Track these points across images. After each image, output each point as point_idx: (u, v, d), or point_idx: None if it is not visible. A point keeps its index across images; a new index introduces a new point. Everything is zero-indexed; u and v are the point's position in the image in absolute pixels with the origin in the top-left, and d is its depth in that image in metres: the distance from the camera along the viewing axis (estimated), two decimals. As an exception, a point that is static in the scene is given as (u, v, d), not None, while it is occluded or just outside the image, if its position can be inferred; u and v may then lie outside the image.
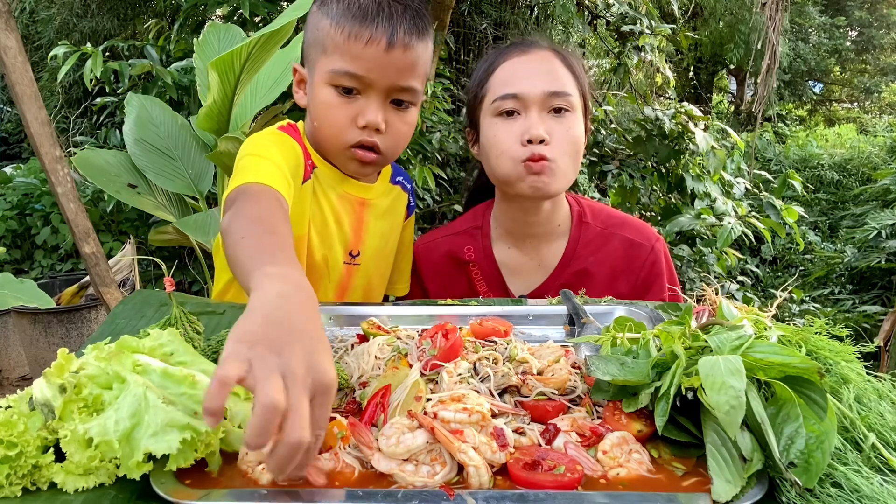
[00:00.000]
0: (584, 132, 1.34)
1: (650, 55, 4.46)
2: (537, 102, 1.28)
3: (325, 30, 1.11)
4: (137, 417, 0.67)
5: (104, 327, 1.08)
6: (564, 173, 1.30)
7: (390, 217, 1.34)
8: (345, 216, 1.23)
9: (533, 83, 1.28)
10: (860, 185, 7.55)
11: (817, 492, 0.63)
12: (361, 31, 1.07)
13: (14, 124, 6.62)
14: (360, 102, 1.12)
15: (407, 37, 1.09)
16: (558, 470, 0.68)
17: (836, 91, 14.72)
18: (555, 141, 1.27)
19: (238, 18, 3.40)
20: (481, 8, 4.93)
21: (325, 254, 1.24)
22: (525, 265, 1.44)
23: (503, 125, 1.30)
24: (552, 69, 1.31)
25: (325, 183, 1.22)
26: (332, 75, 1.11)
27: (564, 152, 1.29)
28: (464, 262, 1.46)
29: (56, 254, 4.51)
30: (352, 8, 1.09)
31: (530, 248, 1.43)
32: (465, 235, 1.47)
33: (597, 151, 3.93)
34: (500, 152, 1.30)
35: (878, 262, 4.61)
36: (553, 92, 1.28)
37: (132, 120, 2.98)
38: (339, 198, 1.22)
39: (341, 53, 1.09)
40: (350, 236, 1.26)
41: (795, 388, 0.68)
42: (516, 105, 1.29)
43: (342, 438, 0.74)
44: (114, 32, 5.35)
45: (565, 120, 1.29)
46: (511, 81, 1.30)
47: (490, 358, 0.89)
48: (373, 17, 1.08)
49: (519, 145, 1.28)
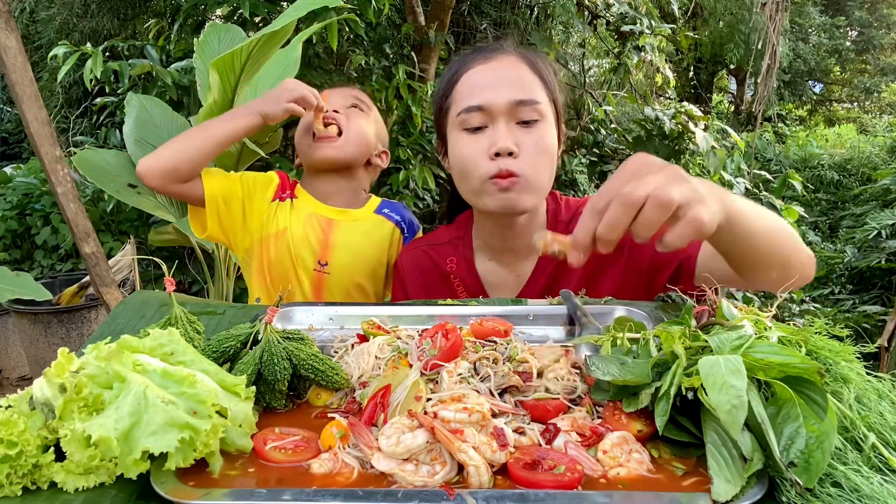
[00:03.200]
0: (557, 139, 1.28)
1: (650, 55, 4.46)
2: (504, 113, 1.21)
3: None
4: (137, 416, 0.67)
5: (104, 327, 1.08)
6: (536, 186, 1.24)
7: (364, 237, 1.57)
8: (311, 232, 1.53)
9: (498, 93, 1.22)
10: (860, 185, 7.55)
11: (817, 491, 0.63)
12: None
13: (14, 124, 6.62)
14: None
15: None
16: (558, 469, 0.68)
17: (836, 91, 14.72)
18: (524, 153, 1.21)
19: (238, 18, 3.40)
20: (481, 8, 4.93)
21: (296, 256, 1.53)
22: (504, 278, 1.39)
23: (469, 140, 1.24)
24: (519, 76, 1.24)
25: (299, 207, 1.55)
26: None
27: (535, 164, 1.22)
28: (446, 274, 1.42)
29: (56, 254, 4.52)
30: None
31: (510, 261, 1.38)
32: (448, 246, 1.43)
33: (597, 151, 3.94)
34: (468, 169, 1.24)
35: (878, 262, 4.61)
36: (520, 101, 1.21)
37: (132, 120, 2.98)
38: (308, 216, 1.54)
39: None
40: (317, 248, 1.53)
41: (795, 388, 0.68)
42: (483, 119, 1.22)
43: (342, 438, 0.74)
44: (114, 32, 5.36)
45: (535, 130, 1.23)
46: (475, 92, 1.23)
47: (490, 358, 0.89)
48: None
49: (486, 160, 1.21)
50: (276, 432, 0.77)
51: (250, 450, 0.74)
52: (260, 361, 0.83)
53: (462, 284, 1.41)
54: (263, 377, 0.84)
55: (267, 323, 0.87)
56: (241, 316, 1.13)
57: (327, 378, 0.87)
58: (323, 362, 0.87)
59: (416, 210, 4.17)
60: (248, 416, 0.76)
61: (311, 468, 0.70)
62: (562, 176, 4.04)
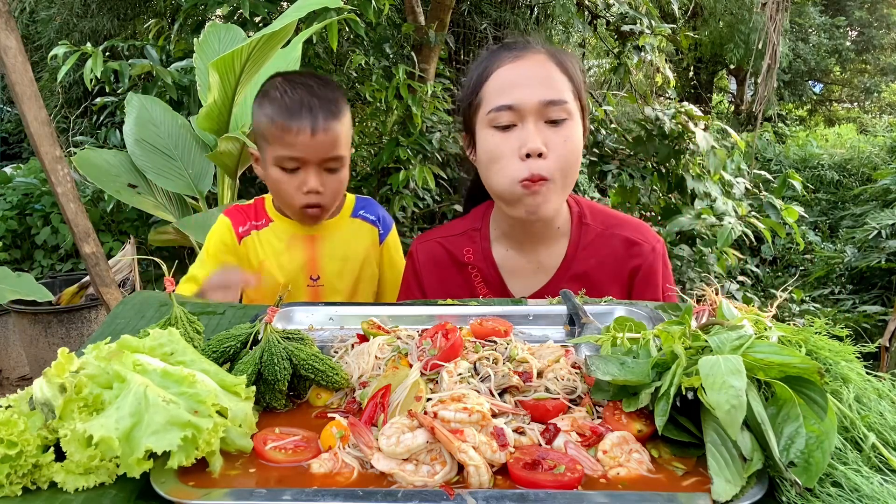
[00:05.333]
0: (582, 136, 1.31)
1: (650, 55, 4.47)
2: (533, 112, 1.24)
3: (264, 125, 1.44)
4: (138, 416, 0.67)
5: (104, 327, 1.08)
6: (562, 189, 1.28)
7: (350, 244, 1.61)
8: (297, 252, 1.56)
9: (528, 93, 1.25)
10: (860, 185, 7.55)
11: (817, 491, 0.63)
12: (290, 125, 1.40)
13: (14, 124, 6.62)
14: (300, 175, 1.45)
15: (325, 122, 1.41)
16: (558, 469, 0.68)
17: (836, 91, 14.72)
18: (553, 153, 1.24)
19: (238, 18, 3.40)
20: (481, 8, 4.94)
21: (287, 279, 1.56)
22: (524, 267, 1.42)
23: (499, 138, 1.27)
24: (548, 75, 1.28)
25: (279, 231, 1.57)
26: (278, 159, 1.44)
27: (564, 164, 1.25)
28: (463, 265, 1.45)
29: (56, 254, 4.52)
30: (281, 108, 1.42)
31: (529, 250, 1.42)
32: (464, 237, 1.46)
33: (597, 151, 3.94)
34: (498, 168, 1.27)
35: (878, 262, 4.61)
36: (549, 101, 1.24)
37: (132, 120, 2.98)
38: (291, 238, 1.56)
39: (280, 143, 1.42)
40: (306, 265, 1.57)
41: (795, 388, 0.68)
42: (512, 118, 1.25)
43: (342, 438, 0.74)
44: (114, 32, 5.36)
45: (563, 129, 1.26)
46: (506, 91, 1.27)
47: (490, 358, 0.89)
48: (297, 113, 1.40)
49: (517, 161, 1.24)
50: (276, 432, 0.77)
51: (250, 450, 0.74)
52: (260, 361, 0.83)
53: (480, 274, 1.43)
54: (263, 377, 0.84)
55: (267, 323, 0.87)
56: (241, 316, 1.13)
57: (327, 378, 0.87)
58: (323, 362, 0.87)
59: (416, 210, 4.17)
60: (248, 416, 0.76)
61: (311, 468, 0.71)
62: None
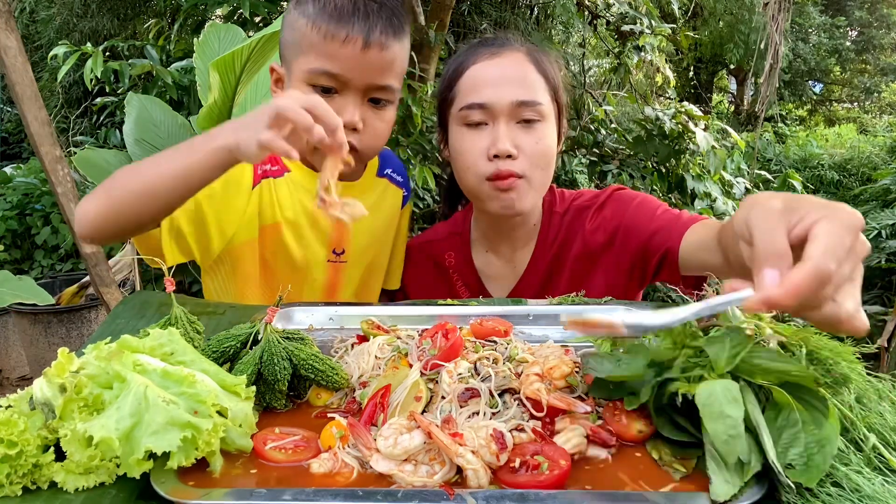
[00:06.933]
0: (556, 139, 1.28)
1: (650, 55, 4.47)
2: (505, 112, 1.21)
3: (301, 29, 1.11)
4: (138, 416, 0.67)
5: (104, 327, 1.08)
6: (535, 187, 1.25)
7: (379, 212, 1.34)
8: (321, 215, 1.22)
9: (501, 92, 1.21)
10: (860, 185, 7.54)
11: (817, 491, 0.63)
12: (338, 31, 1.08)
13: (14, 124, 6.62)
14: (337, 101, 1.12)
15: (383, 36, 1.10)
16: (543, 468, 0.68)
17: (836, 91, 14.72)
18: (523, 154, 1.22)
19: (238, 18, 3.41)
20: (481, 8, 4.94)
21: (303, 254, 1.25)
22: (500, 269, 1.41)
23: (469, 136, 1.24)
24: (523, 75, 1.24)
25: (298, 184, 1.22)
26: (310, 75, 1.11)
27: (534, 165, 1.23)
28: (445, 269, 1.44)
29: (56, 254, 4.51)
30: (328, 7, 1.09)
31: (506, 251, 1.40)
32: (447, 242, 1.45)
33: (597, 151, 3.93)
34: (467, 166, 1.25)
35: (878, 262, 4.60)
36: (522, 102, 1.21)
37: (132, 120, 2.98)
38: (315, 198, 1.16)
39: (318, 53, 1.09)
40: (331, 234, 1.26)
41: (794, 393, 0.68)
42: (483, 116, 1.23)
43: (342, 438, 0.74)
44: (114, 32, 5.36)
45: (535, 131, 1.23)
46: (478, 89, 1.23)
47: (490, 358, 0.89)
48: (349, 17, 1.08)
49: (485, 160, 1.22)
50: (276, 432, 0.77)
51: (250, 450, 0.74)
52: (260, 361, 0.83)
53: (461, 279, 1.43)
54: (263, 377, 0.84)
55: (267, 323, 0.87)
56: (241, 316, 1.13)
57: (327, 378, 0.87)
58: (323, 362, 0.87)
59: (416, 210, 4.17)
60: (248, 416, 0.76)
61: (311, 468, 0.71)
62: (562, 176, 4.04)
